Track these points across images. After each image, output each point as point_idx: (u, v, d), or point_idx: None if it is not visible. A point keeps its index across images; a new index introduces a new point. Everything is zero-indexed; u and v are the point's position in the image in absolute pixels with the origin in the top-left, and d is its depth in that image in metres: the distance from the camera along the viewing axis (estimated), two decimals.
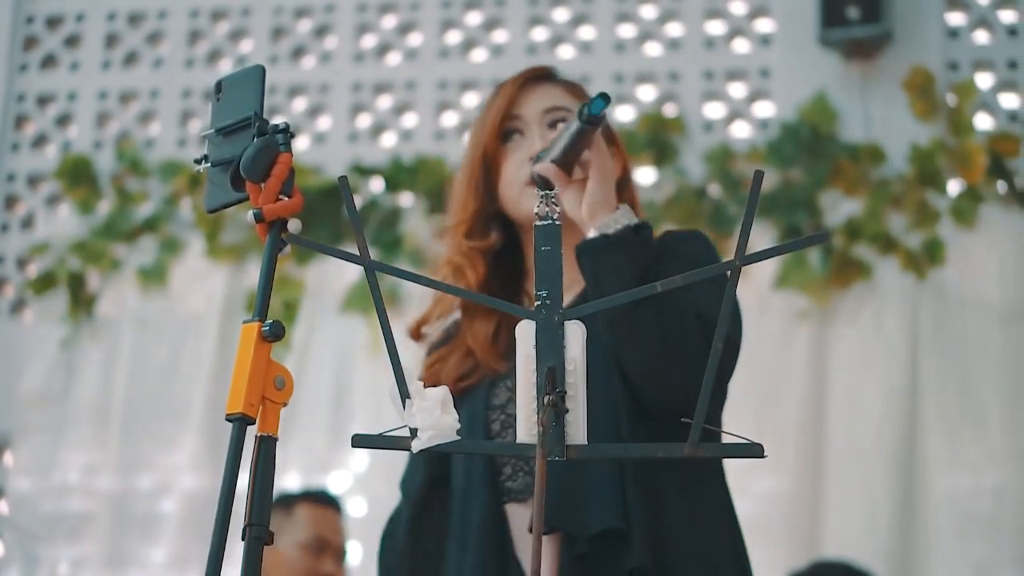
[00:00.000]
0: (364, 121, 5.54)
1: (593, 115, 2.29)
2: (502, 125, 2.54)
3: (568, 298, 2.42)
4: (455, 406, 2.44)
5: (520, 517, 2.35)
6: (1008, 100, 5.11)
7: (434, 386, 2.46)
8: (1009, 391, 4.72)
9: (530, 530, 2.30)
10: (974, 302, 4.82)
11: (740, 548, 2.42)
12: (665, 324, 2.26)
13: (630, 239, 2.32)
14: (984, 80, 5.12)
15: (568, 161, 2.38)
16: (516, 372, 1.70)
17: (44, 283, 5.41)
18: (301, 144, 5.48)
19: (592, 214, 2.34)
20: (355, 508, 5.02)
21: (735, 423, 2.16)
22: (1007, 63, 5.12)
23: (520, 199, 2.50)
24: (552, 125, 2.53)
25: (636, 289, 1.81)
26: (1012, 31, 5.15)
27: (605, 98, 2.29)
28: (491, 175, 2.55)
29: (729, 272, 1.66)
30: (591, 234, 2.34)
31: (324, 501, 4.26)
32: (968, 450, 4.70)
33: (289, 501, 4.18)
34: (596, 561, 2.26)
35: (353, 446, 1.76)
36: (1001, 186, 4.90)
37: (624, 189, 2.52)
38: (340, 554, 4.18)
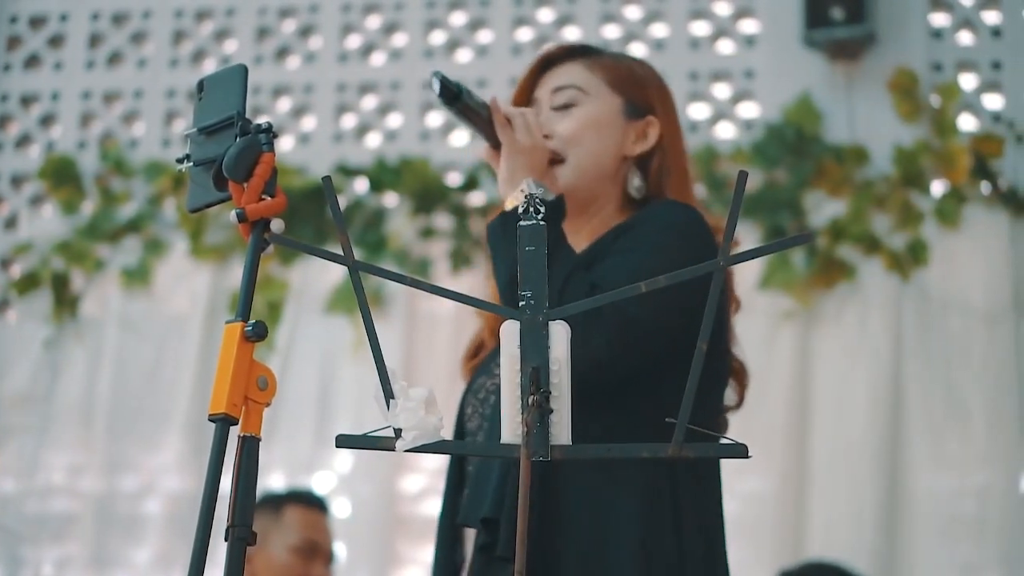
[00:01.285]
0: (349, 121, 5.54)
1: (439, 96, 2.35)
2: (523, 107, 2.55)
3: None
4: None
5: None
6: (992, 101, 5.11)
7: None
8: (993, 391, 4.73)
9: (459, 524, 2.39)
10: (958, 303, 4.82)
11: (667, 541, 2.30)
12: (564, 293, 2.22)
13: (508, 221, 2.29)
14: (968, 81, 5.13)
15: (489, 138, 2.44)
16: (500, 372, 1.70)
17: (28, 283, 5.40)
18: (285, 144, 5.46)
19: (503, 194, 2.39)
20: (339, 509, 5.01)
21: None
22: (991, 64, 5.13)
23: None
24: (557, 108, 2.52)
25: (622, 289, 1.79)
26: (996, 32, 5.16)
27: (436, 75, 2.34)
28: None
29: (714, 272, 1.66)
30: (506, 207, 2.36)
31: (313, 503, 4.25)
32: (952, 450, 4.71)
33: (278, 503, 4.16)
34: (494, 550, 2.24)
35: (337, 446, 1.76)
36: (985, 187, 4.91)
37: (654, 158, 2.51)
38: (329, 557, 4.18)
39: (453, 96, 2.36)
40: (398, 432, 1.71)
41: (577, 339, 1.68)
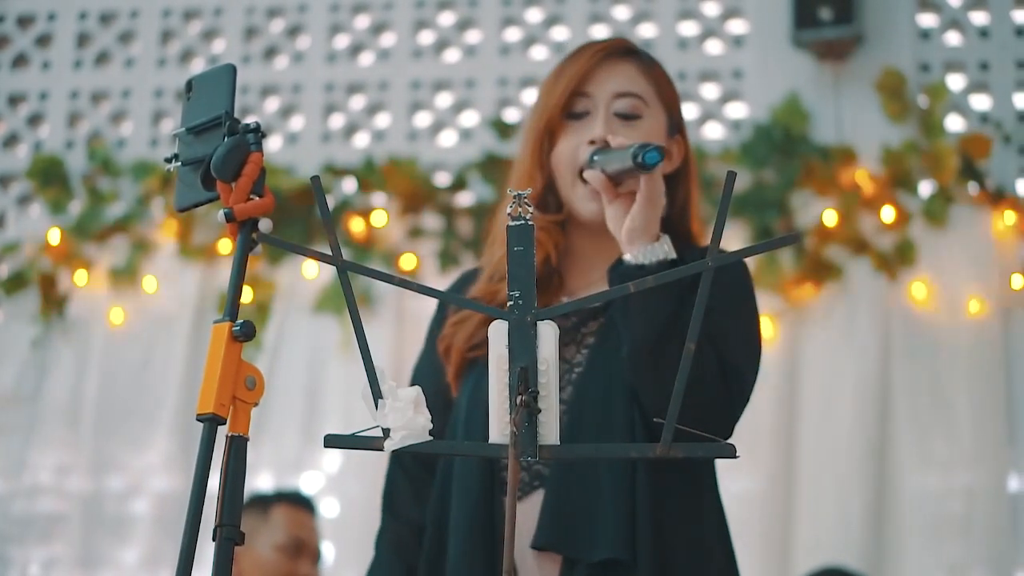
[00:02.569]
0: (337, 121, 5.53)
1: (646, 164, 2.25)
2: (570, 101, 2.47)
3: (591, 290, 2.43)
4: (462, 373, 2.45)
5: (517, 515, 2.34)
6: (979, 101, 5.12)
7: (447, 349, 2.48)
8: (979, 391, 4.74)
9: (533, 547, 2.29)
10: (945, 303, 4.83)
11: (731, 564, 2.43)
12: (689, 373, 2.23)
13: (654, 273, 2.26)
14: (955, 81, 5.14)
15: (618, 177, 2.34)
16: (488, 372, 1.70)
17: (15, 283, 5.39)
18: (274, 144, 5.46)
19: (631, 239, 2.29)
20: (328, 509, 5.01)
21: None
22: (978, 64, 5.14)
23: (571, 193, 2.45)
24: (621, 115, 2.45)
25: (611, 289, 1.81)
26: (983, 32, 5.17)
27: (660, 152, 2.25)
28: (551, 146, 2.48)
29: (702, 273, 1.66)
30: (627, 258, 2.29)
31: (300, 502, 4.26)
32: (939, 450, 4.72)
33: (265, 502, 4.16)
34: None
35: (325, 446, 1.76)
36: (972, 187, 4.92)
37: (680, 182, 2.51)
38: (316, 555, 4.18)
39: (650, 170, 2.28)
40: (386, 432, 1.71)
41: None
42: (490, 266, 2.51)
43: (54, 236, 5.39)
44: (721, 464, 2.35)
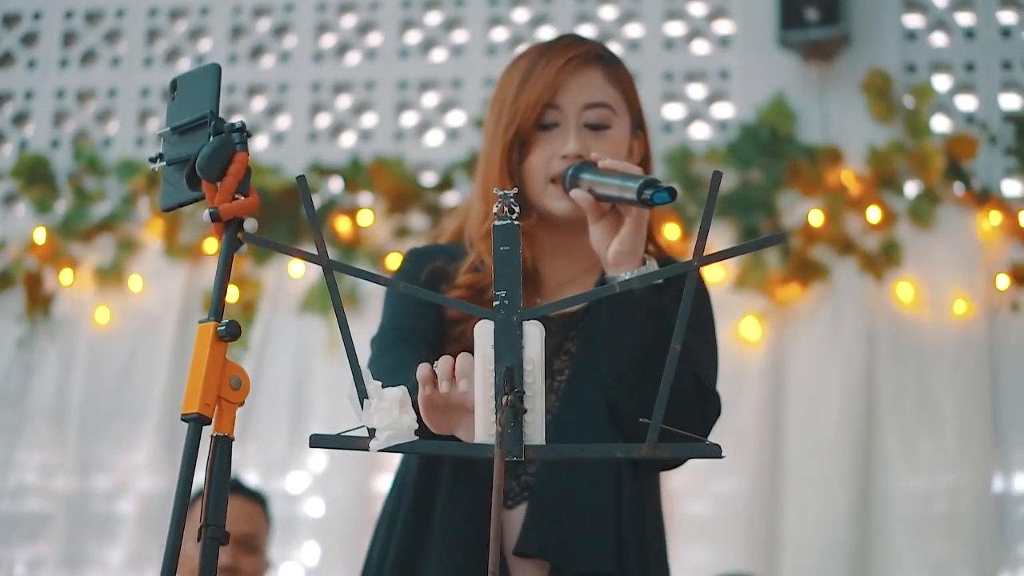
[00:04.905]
0: (323, 121, 5.53)
1: (653, 203, 2.24)
2: (541, 113, 2.47)
3: (574, 289, 2.44)
4: (447, 349, 2.41)
5: (506, 522, 2.35)
6: (965, 102, 5.13)
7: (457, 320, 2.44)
8: (965, 392, 4.75)
9: (515, 554, 2.30)
10: (930, 303, 4.84)
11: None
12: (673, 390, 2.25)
13: (651, 301, 2.30)
14: (941, 82, 5.15)
15: (606, 200, 2.34)
16: (475, 372, 1.70)
17: (1, 282, 5.37)
18: (260, 144, 5.45)
19: (617, 262, 2.30)
20: (313, 509, 5.01)
21: None
22: (964, 65, 5.15)
23: (542, 194, 2.45)
24: (590, 126, 2.46)
25: (596, 290, 1.81)
26: (969, 33, 5.18)
27: (672, 194, 2.24)
28: (521, 157, 2.48)
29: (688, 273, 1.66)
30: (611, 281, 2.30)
31: (245, 494, 4.10)
32: (925, 450, 4.73)
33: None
34: None
35: (311, 446, 1.75)
36: (958, 187, 4.93)
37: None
38: (258, 548, 4.05)
39: (652, 207, 2.28)
40: (372, 432, 1.71)
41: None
42: (472, 253, 2.51)
43: (39, 235, 5.38)
44: (707, 464, 2.36)
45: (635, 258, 2.30)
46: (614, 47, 5.33)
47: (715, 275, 4.78)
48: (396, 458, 2.53)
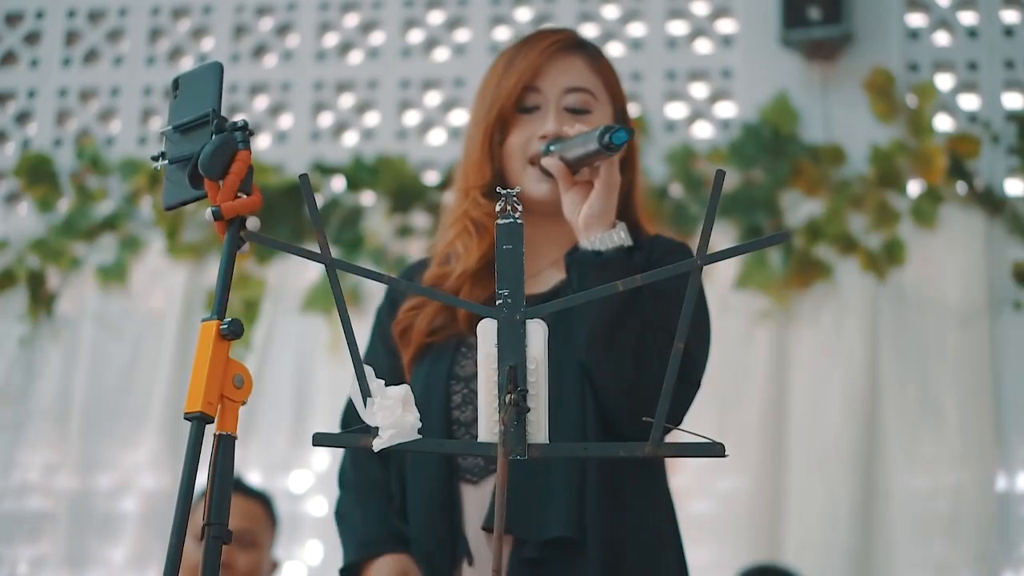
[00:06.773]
0: (326, 120, 5.53)
1: (613, 144, 2.27)
2: (522, 95, 2.51)
3: (546, 286, 2.46)
4: (417, 359, 2.45)
5: (473, 499, 2.35)
6: (968, 101, 5.12)
7: (404, 331, 2.48)
8: (968, 391, 4.75)
9: (484, 528, 2.31)
10: (934, 303, 4.84)
11: (681, 553, 2.45)
12: (642, 351, 2.26)
13: (621, 261, 2.31)
14: (944, 81, 5.15)
15: (576, 164, 2.37)
16: (478, 370, 1.70)
17: (3, 281, 5.37)
18: (262, 142, 5.46)
19: (588, 225, 2.33)
20: (316, 508, 5.01)
21: (696, 423, 2.16)
22: (967, 64, 5.14)
23: (521, 175, 2.49)
24: (571, 109, 2.49)
25: (597, 288, 1.81)
26: (972, 32, 5.17)
27: (629, 133, 2.28)
28: (501, 139, 2.52)
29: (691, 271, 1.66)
30: (583, 244, 2.33)
31: (246, 493, 4.06)
32: (927, 449, 4.72)
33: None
34: (546, 567, 2.27)
35: (314, 445, 1.76)
36: (961, 187, 4.92)
37: (625, 171, 2.49)
38: (258, 545, 4.04)
39: (617, 150, 2.30)
40: (375, 430, 1.71)
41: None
42: (440, 250, 2.56)
43: (42, 234, 5.38)
44: (710, 463, 2.37)
45: (605, 222, 2.33)
46: (616, 46, 5.35)
47: (718, 274, 4.78)
48: None
